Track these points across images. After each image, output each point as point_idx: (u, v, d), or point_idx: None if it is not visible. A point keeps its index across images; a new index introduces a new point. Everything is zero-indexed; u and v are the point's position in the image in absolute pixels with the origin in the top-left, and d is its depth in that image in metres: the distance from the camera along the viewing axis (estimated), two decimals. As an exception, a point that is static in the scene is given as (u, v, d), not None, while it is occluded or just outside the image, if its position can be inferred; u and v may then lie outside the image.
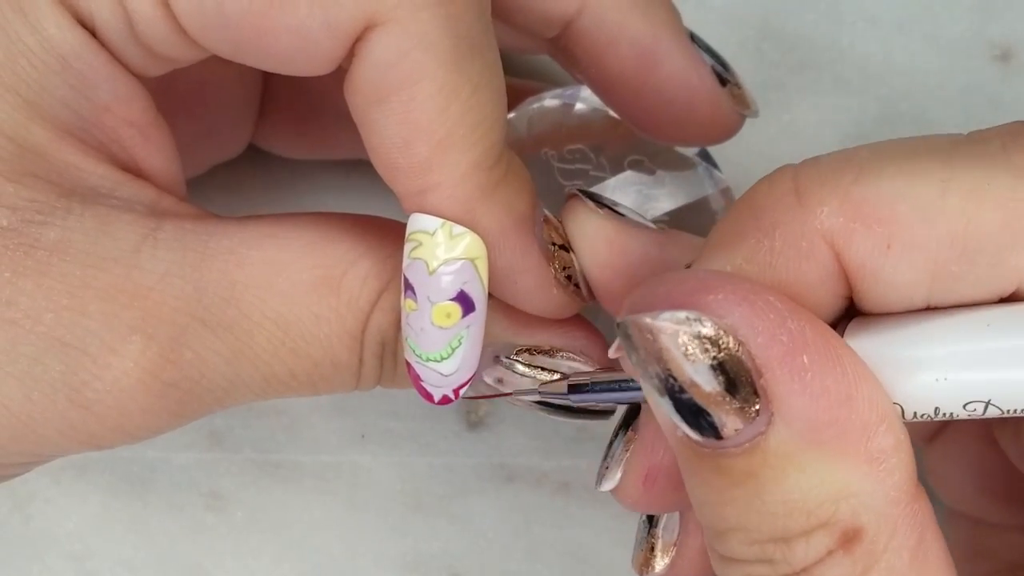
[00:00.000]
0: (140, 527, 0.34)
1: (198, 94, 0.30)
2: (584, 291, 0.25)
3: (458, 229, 0.23)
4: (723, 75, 0.28)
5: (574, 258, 0.25)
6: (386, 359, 0.25)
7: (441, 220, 0.23)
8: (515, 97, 0.32)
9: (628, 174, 0.31)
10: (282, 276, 0.24)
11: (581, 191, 0.25)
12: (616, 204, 0.25)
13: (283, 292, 0.24)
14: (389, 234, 0.25)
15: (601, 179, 0.31)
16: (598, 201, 0.25)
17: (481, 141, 0.23)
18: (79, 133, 0.24)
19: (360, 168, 0.35)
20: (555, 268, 0.25)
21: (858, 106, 0.37)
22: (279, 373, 0.25)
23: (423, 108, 0.22)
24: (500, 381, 0.26)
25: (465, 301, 0.23)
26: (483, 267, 0.24)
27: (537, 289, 0.25)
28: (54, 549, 0.34)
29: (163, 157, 0.26)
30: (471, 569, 0.34)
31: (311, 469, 0.35)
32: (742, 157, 0.33)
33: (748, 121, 0.29)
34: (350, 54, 0.22)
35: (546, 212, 0.25)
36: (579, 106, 0.32)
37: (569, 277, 0.25)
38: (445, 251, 0.23)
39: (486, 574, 0.34)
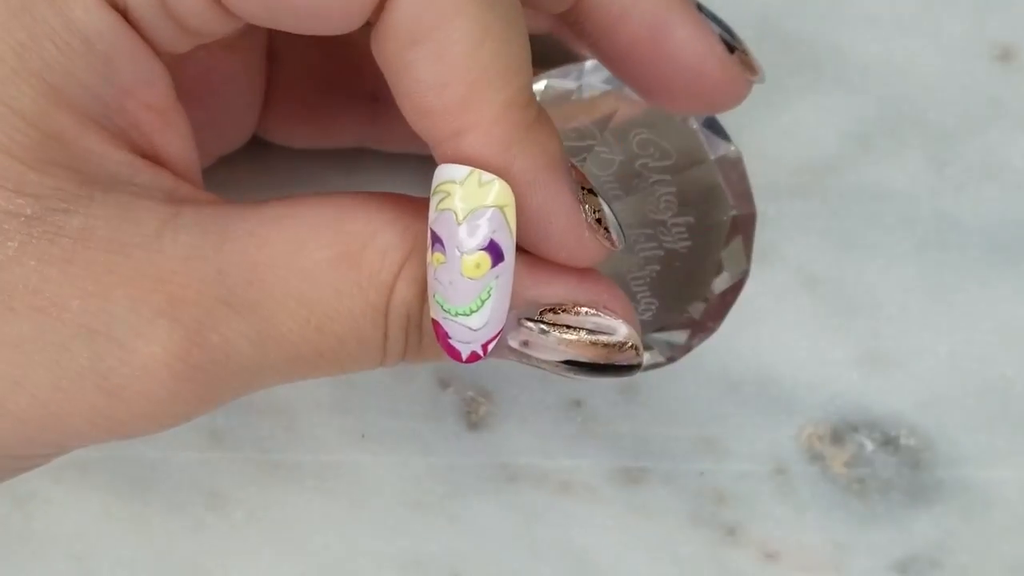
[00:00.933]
0: (140, 527, 0.34)
1: (203, 82, 0.30)
2: (614, 236, 0.25)
3: (487, 176, 0.23)
4: (731, 42, 0.28)
5: (602, 201, 0.25)
6: (411, 331, 0.25)
7: (469, 168, 0.23)
8: None
9: (635, 149, 0.31)
10: (302, 254, 0.24)
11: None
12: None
13: (304, 270, 0.24)
14: (407, 207, 0.25)
15: (604, 155, 0.31)
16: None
17: (515, 79, 0.23)
18: (100, 119, 0.24)
19: (360, 169, 0.35)
20: (585, 210, 0.25)
21: (858, 106, 0.37)
22: (305, 353, 0.25)
23: (458, 46, 0.22)
24: (526, 344, 0.25)
25: (495, 251, 0.23)
26: (511, 215, 0.23)
27: (569, 232, 0.24)
28: (54, 549, 0.34)
29: (181, 143, 0.26)
30: (471, 569, 0.34)
31: (311, 469, 0.35)
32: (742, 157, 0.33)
33: (748, 121, 0.29)
34: (381, 2, 0.22)
35: (569, 159, 0.25)
36: (580, 85, 0.32)
37: (599, 220, 0.25)
38: (475, 199, 0.23)
39: (486, 574, 0.34)
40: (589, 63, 0.32)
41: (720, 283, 0.32)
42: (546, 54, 0.35)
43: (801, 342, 0.35)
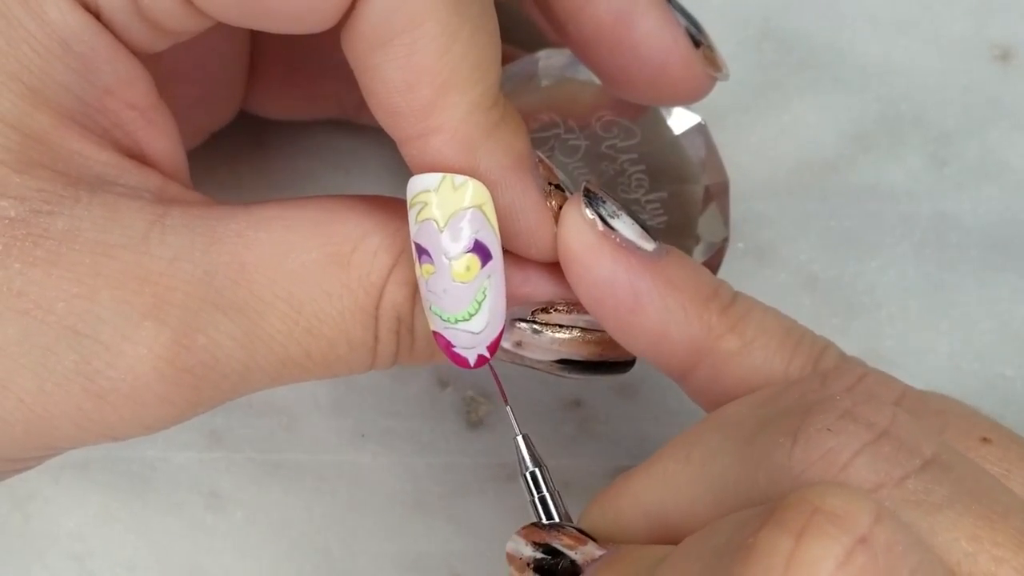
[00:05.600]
0: (140, 527, 0.34)
1: (191, 58, 0.30)
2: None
3: (459, 179, 0.23)
4: (696, 37, 0.28)
5: (623, 213, 0.25)
6: (403, 334, 0.25)
7: (441, 175, 0.23)
8: None
9: (599, 132, 0.31)
10: (291, 256, 0.24)
11: (589, 190, 0.25)
12: (617, 214, 0.25)
13: (293, 272, 0.24)
14: (396, 210, 0.25)
15: (570, 141, 0.31)
16: (597, 203, 0.25)
17: (481, 82, 0.23)
18: (82, 119, 0.24)
19: (361, 168, 0.35)
20: (552, 206, 0.25)
21: (858, 106, 0.37)
22: (294, 355, 0.25)
23: (426, 50, 0.22)
24: (519, 344, 0.26)
25: (481, 250, 0.23)
26: (491, 212, 0.24)
27: (538, 228, 0.25)
28: (54, 549, 0.34)
29: (167, 142, 0.26)
30: (471, 569, 0.34)
31: (311, 469, 0.35)
32: (742, 157, 0.33)
33: (748, 121, 0.29)
34: (352, 3, 0.23)
35: (538, 153, 0.25)
36: (537, 75, 0.32)
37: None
38: (452, 204, 0.23)
39: (485, 574, 0.34)
40: (543, 52, 0.32)
41: (700, 253, 0.32)
42: (515, 38, 0.35)
43: (801, 342, 0.35)
